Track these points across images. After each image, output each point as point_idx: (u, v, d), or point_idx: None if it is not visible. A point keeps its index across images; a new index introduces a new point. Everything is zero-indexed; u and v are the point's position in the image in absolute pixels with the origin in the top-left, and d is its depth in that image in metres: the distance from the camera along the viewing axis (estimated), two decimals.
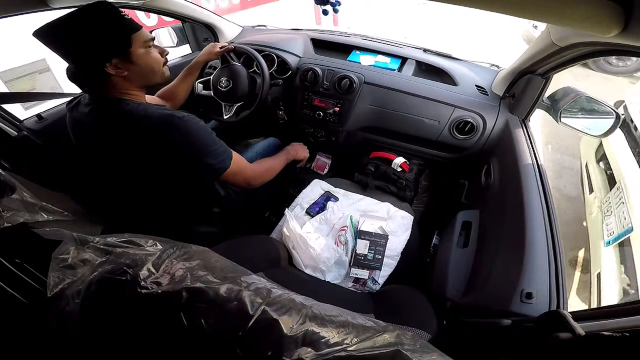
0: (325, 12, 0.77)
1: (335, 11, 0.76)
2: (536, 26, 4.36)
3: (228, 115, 1.37)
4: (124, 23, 0.80)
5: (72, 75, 0.82)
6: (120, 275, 0.42)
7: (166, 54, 0.93)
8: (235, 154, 0.97)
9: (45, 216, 0.70)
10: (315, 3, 0.75)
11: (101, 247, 0.47)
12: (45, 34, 0.75)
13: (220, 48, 1.33)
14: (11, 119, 1.05)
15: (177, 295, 0.40)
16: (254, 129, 1.89)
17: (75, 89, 0.88)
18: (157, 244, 0.48)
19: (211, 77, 1.38)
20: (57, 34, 0.75)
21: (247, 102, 1.35)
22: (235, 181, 0.99)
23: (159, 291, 0.40)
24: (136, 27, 0.82)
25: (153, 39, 0.87)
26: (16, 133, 1.04)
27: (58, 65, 2.05)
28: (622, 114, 1.84)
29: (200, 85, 1.44)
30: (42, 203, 0.71)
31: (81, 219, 0.83)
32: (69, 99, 0.95)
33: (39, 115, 1.12)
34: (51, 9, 0.93)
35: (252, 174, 1.04)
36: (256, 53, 1.33)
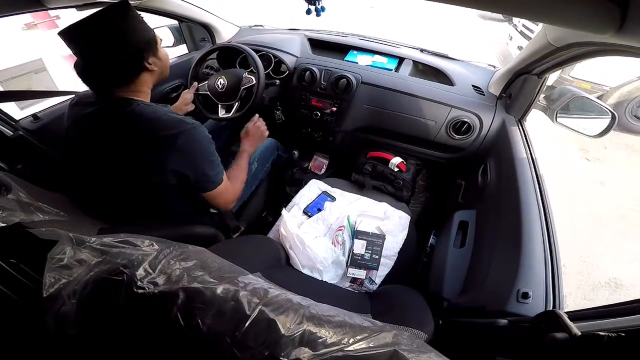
0: (308, 12, 0.79)
1: (318, 15, 0.79)
2: (519, 45, 4.04)
3: (223, 114, 1.37)
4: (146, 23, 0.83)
5: (86, 73, 0.81)
6: (117, 276, 0.42)
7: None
8: (225, 175, 0.98)
9: (41, 216, 0.69)
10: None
11: (97, 247, 0.47)
12: (81, 32, 0.75)
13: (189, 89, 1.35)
14: (7, 119, 1.04)
15: (174, 296, 0.40)
16: None
17: (72, 88, 0.87)
18: (154, 244, 0.48)
19: (207, 79, 1.37)
20: (98, 30, 0.75)
21: (243, 102, 1.35)
22: (216, 201, 1.00)
23: (156, 291, 0.40)
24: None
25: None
26: (12, 133, 1.03)
27: (55, 65, 2.04)
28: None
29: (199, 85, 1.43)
30: (38, 203, 0.70)
31: (77, 219, 0.82)
32: (65, 97, 0.94)
33: (34, 115, 1.11)
34: (47, 9, 0.93)
35: (234, 197, 1.06)
36: (252, 52, 1.32)
